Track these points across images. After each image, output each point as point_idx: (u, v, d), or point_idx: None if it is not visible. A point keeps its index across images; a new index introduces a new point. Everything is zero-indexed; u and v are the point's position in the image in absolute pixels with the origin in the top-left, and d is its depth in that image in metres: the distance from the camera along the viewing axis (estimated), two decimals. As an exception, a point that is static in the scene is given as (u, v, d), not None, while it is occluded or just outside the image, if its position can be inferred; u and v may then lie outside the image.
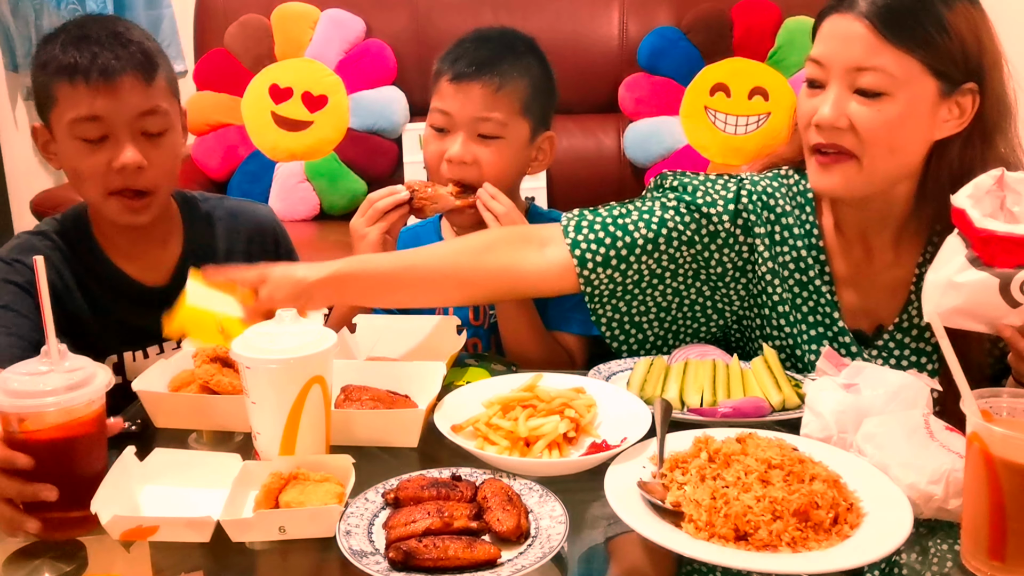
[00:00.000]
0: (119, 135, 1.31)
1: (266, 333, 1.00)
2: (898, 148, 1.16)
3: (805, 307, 1.28)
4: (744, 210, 1.28)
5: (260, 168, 2.84)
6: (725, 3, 2.85)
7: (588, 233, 1.26)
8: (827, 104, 1.15)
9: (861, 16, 1.13)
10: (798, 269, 1.28)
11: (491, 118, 1.41)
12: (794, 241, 1.28)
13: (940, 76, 1.14)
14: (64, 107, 1.30)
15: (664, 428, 1.03)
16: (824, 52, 1.17)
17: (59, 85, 1.30)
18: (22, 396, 0.91)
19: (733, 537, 0.86)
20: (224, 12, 2.92)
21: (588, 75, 2.90)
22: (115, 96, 1.29)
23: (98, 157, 1.31)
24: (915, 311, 1.25)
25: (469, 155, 1.42)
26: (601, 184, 2.85)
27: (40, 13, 3.27)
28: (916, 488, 0.92)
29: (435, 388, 1.15)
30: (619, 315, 1.32)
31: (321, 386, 1.00)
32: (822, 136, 1.17)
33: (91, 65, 1.28)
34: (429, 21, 2.96)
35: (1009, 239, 0.98)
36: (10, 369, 0.93)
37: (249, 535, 0.91)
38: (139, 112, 1.32)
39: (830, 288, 1.28)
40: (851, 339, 1.27)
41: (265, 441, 1.01)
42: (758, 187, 1.30)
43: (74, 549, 0.91)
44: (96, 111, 1.29)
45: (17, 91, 3.48)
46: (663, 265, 1.28)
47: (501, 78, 1.41)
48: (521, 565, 0.84)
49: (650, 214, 1.27)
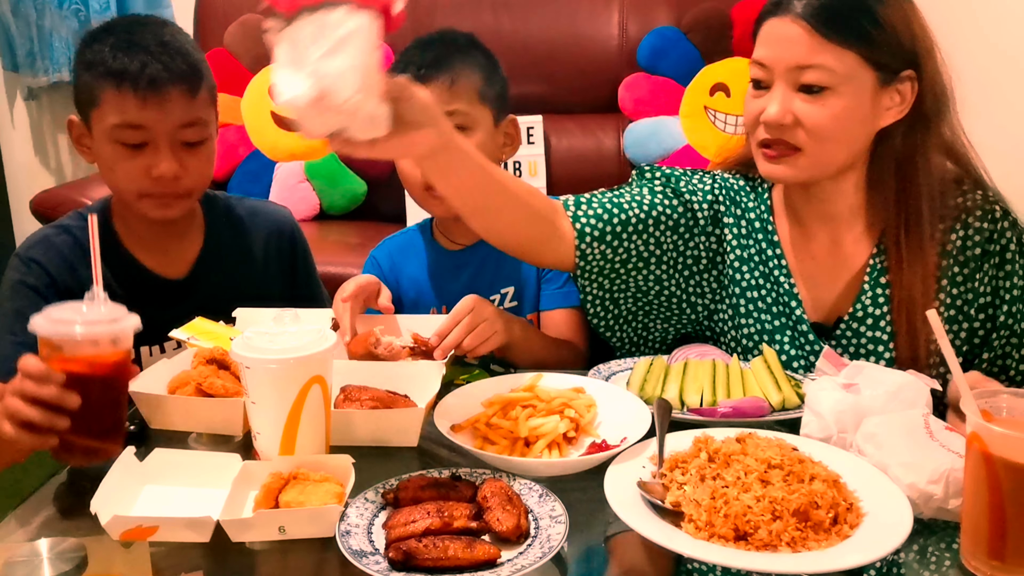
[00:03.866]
0: (159, 144, 1.33)
1: (266, 333, 1.00)
2: (843, 139, 1.22)
3: (769, 298, 1.33)
4: (716, 201, 1.35)
5: (260, 168, 2.84)
6: (725, 3, 2.85)
7: (587, 208, 1.30)
8: (773, 103, 1.21)
9: (798, 18, 1.18)
10: (761, 261, 1.33)
11: (454, 111, 1.42)
12: (756, 235, 1.34)
13: (878, 67, 1.19)
14: (107, 110, 1.32)
15: (664, 428, 1.04)
16: (766, 54, 1.22)
17: (105, 88, 1.32)
18: (58, 323, 0.96)
19: (733, 537, 0.86)
20: (224, 12, 2.93)
21: (588, 75, 2.90)
22: (160, 107, 1.32)
23: (136, 162, 1.33)
24: (868, 301, 1.29)
25: None
26: (601, 184, 2.79)
27: (41, 13, 3.27)
28: (916, 488, 0.92)
29: (435, 388, 1.15)
30: (603, 293, 1.35)
31: (321, 386, 1.00)
32: (769, 133, 1.22)
33: (140, 74, 1.30)
34: (429, 21, 2.95)
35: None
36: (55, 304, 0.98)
37: (249, 535, 0.91)
38: (181, 124, 1.34)
39: (788, 280, 1.32)
40: (808, 328, 1.30)
41: (265, 441, 1.01)
42: (728, 182, 1.37)
43: (74, 549, 0.91)
44: (140, 120, 1.31)
45: (17, 91, 3.48)
46: (650, 249, 1.31)
47: (452, 73, 1.43)
48: (521, 565, 0.84)
49: (641, 196, 1.32)
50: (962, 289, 1.27)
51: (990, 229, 1.26)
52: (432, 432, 1.08)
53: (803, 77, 1.18)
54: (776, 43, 1.21)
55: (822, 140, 1.20)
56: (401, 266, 1.57)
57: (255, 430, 1.02)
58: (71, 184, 2.51)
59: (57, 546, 0.92)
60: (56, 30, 3.27)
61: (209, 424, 1.13)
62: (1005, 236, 1.26)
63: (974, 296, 1.26)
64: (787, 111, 1.20)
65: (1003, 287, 1.26)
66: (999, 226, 1.26)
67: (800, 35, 1.18)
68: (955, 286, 1.26)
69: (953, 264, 1.26)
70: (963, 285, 1.27)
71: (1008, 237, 1.26)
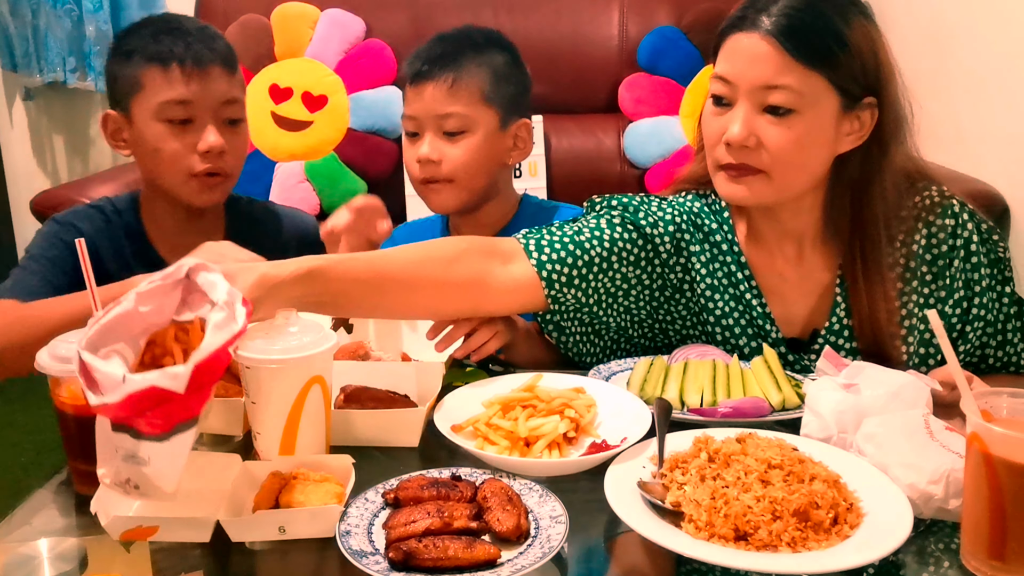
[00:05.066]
0: (204, 119, 1.43)
1: (265, 334, 1.00)
2: (805, 164, 1.20)
3: (743, 319, 1.31)
4: (679, 230, 1.30)
5: (260, 168, 2.84)
6: (725, 3, 2.83)
7: (551, 252, 1.24)
8: (736, 123, 1.18)
9: (767, 35, 1.15)
10: (731, 284, 1.30)
11: (451, 113, 1.42)
12: (723, 257, 1.31)
13: (842, 92, 1.17)
14: (152, 91, 1.42)
15: (664, 428, 1.03)
16: (731, 71, 1.19)
17: (149, 71, 1.41)
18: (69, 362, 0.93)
19: (733, 537, 0.86)
20: (224, 12, 2.92)
21: (588, 75, 2.90)
22: (204, 83, 1.42)
23: (184, 139, 1.43)
24: (843, 312, 1.28)
25: (436, 153, 1.45)
26: (601, 184, 2.84)
27: (37, 12, 3.27)
28: (916, 488, 0.92)
29: (435, 388, 1.15)
30: (583, 328, 1.32)
31: (321, 386, 1.00)
32: (732, 155, 1.19)
33: (185, 52, 1.41)
34: (429, 21, 2.96)
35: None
36: (60, 337, 0.98)
37: (249, 535, 0.91)
38: (223, 100, 1.45)
39: (759, 300, 1.30)
40: (786, 348, 1.30)
41: (265, 441, 1.01)
42: (686, 207, 1.33)
43: (74, 549, 0.91)
44: (187, 95, 1.41)
45: (16, 91, 3.48)
46: (616, 283, 1.28)
47: (456, 72, 1.43)
48: (521, 565, 0.84)
49: (600, 231, 1.27)
50: (933, 288, 1.27)
51: (951, 224, 1.26)
52: (432, 432, 1.08)
53: (769, 98, 1.16)
54: (742, 59, 1.17)
55: (784, 164, 1.18)
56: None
57: (255, 430, 1.02)
58: (71, 184, 2.51)
59: (57, 546, 0.92)
60: (51, 30, 3.28)
61: (209, 424, 1.13)
62: (967, 228, 1.26)
63: (947, 293, 1.27)
64: (751, 132, 1.17)
65: (972, 279, 1.27)
66: (959, 220, 1.26)
67: (768, 53, 1.15)
68: (925, 285, 1.27)
69: (920, 264, 1.26)
70: (934, 283, 1.27)
71: (970, 229, 1.26)
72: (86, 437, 0.97)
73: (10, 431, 2.92)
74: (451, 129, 1.44)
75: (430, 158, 1.44)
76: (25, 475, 2.65)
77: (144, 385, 0.80)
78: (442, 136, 1.45)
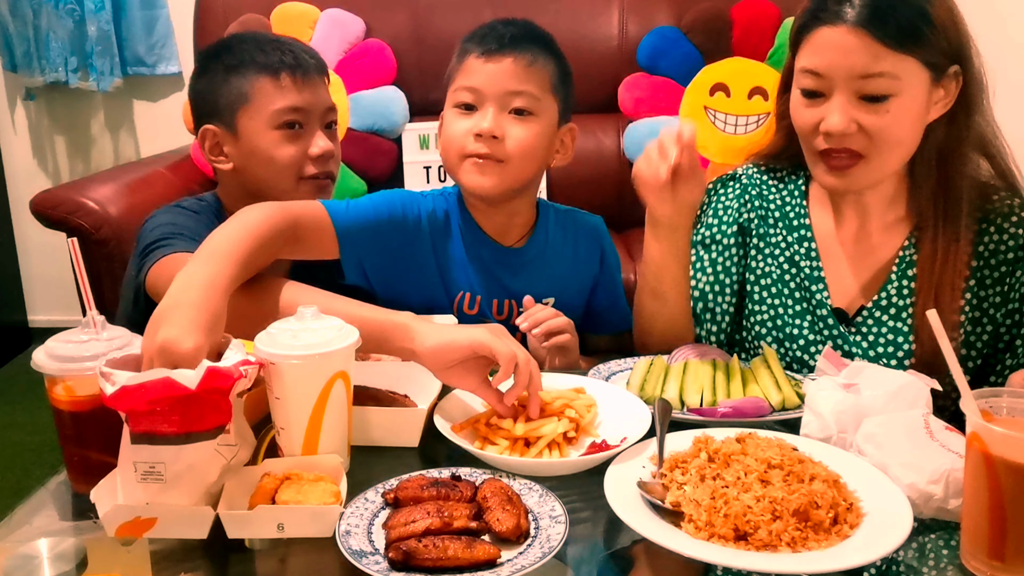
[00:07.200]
0: (312, 126, 1.51)
1: (288, 329, 1.00)
2: (904, 141, 1.23)
3: (793, 283, 1.34)
4: (739, 213, 1.40)
5: (260, 168, 2.84)
6: (725, 3, 2.85)
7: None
8: (835, 113, 1.19)
9: (855, 27, 1.16)
10: (787, 246, 1.35)
11: (524, 91, 1.37)
12: (788, 221, 1.36)
13: (931, 67, 1.19)
14: (264, 101, 1.48)
15: (664, 428, 1.04)
16: (822, 64, 1.20)
17: (259, 82, 1.48)
18: (65, 360, 0.96)
19: (733, 537, 0.86)
20: (224, 12, 2.93)
21: (588, 75, 2.89)
22: (313, 91, 1.52)
23: (296, 145, 1.50)
24: (894, 291, 1.29)
25: (500, 129, 1.36)
26: (601, 184, 2.85)
27: (38, 13, 3.27)
28: (916, 488, 0.92)
29: (435, 388, 1.15)
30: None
31: (344, 381, 1.00)
32: (832, 143, 1.21)
33: (296, 63, 1.50)
34: (429, 21, 2.96)
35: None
36: (54, 337, 0.99)
37: (247, 531, 0.91)
38: (327, 106, 1.54)
39: (816, 263, 1.33)
40: (829, 312, 1.31)
41: (289, 436, 1.01)
42: (753, 179, 1.42)
43: (74, 549, 0.91)
44: (298, 102, 1.49)
45: (17, 92, 3.48)
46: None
47: (532, 54, 1.39)
48: (521, 565, 0.84)
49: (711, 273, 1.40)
50: (990, 292, 1.27)
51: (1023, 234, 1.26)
52: (432, 432, 1.08)
53: (867, 87, 1.17)
54: (833, 53, 1.18)
55: (887, 145, 1.20)
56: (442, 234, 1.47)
57: (279, 425, 1.01)
58: (71, 184, 2.50)
59: (57, 546, 0.92)
60: (53, 30, 3.28)
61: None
62: None
63: (1002, 300, 1.26)
64: (851, 121, 1.19)
65: None
66: None
67: (860, 44, 1.16)
68: (983, 288, 1.27)
69: (984, 266, 1.27)
70: (992, 288, 1.27)
71: None
72: (82, 434, 0.98)
73: (10, 431, 2.92)
74: (520, 106, 1.38)
75: (493, 132, 1.38)
76: (25, 475, 2.65)
77: (160, 375, 0.88)
78: (506, 113, 1.40)
